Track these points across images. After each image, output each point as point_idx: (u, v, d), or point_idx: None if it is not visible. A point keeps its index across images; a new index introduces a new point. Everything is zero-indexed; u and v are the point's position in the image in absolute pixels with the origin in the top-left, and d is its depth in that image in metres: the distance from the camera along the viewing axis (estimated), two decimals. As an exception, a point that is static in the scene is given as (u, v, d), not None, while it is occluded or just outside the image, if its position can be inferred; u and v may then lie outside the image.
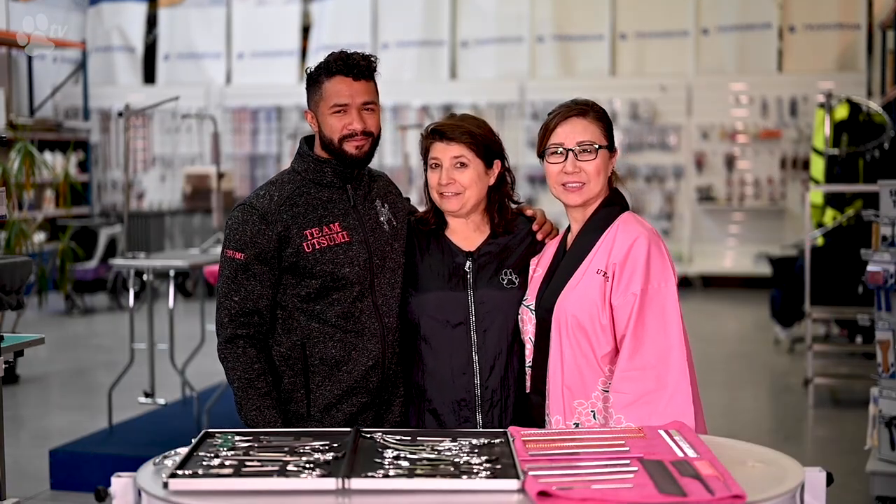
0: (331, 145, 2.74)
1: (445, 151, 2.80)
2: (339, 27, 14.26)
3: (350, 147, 2.73)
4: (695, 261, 13.13)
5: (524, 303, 2.76)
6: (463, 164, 2.79)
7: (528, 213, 2.93)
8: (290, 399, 2.75)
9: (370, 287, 2.75)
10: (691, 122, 13.22)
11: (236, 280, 2.69)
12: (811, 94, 12.64)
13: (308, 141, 2.85)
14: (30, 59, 13.21)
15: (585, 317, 2.59)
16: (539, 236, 2.88)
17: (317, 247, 2.70)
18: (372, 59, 2.77)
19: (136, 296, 6.37)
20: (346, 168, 2.77)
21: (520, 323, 2.76)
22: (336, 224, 2.73)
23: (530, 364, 2.73)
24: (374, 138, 2.77)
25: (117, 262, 6.53)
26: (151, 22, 15.18)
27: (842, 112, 8.56)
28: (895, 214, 4.66)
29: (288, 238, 2.69)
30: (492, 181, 2.86)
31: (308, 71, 2.81)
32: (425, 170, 2.88)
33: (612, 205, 2.71)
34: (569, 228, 2.78)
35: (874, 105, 8.83)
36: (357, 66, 2.73)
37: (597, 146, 2.66)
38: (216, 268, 6.61)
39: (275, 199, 2.72)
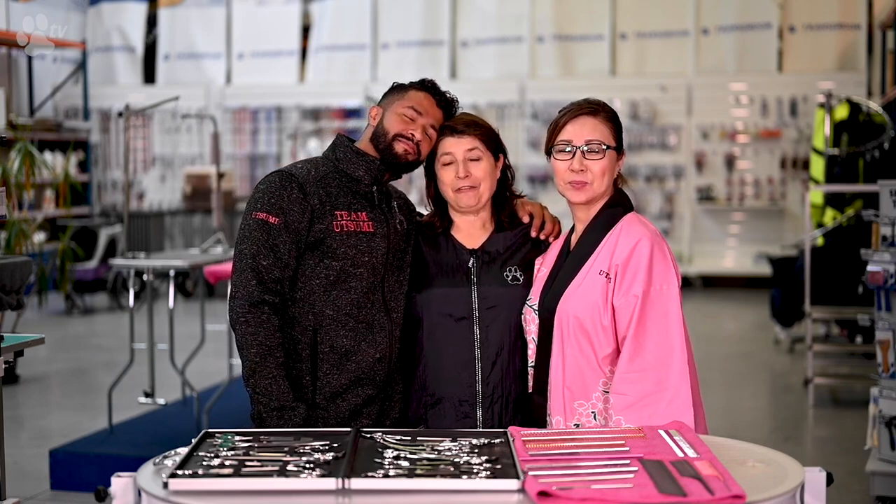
0: (384, 137, 2.80)
1: (458, 145, 2.82)
2: (339, 27, 14.27)
3: (399, 146, 2.79)
4: (695, 261, 13.13)
5: (528, 303, 2.76)
6: (476, 158, 2.82)
7: (525, 219, 2.92)
8: (297, 386, 2.74)
9: (381, 282, 2.78)
10: (691, 122, 13.22)
11: (268, 244, 2.68)
12: (811, 94, 12.64)
13: (346, 138, 2.91)
14: (30, 59, 13.21)
15: (587, 318, 2.59)
16: (541, 237, 2.89)
17: (345, 229, 2.74)
18: (457, 102, 2.91)
19: (136, 296, 6.36)
20: (384, 166, 2.81)
21: (523, 322, 2.76)
22: (364, 213, 2.78)
23: (533, 364, 2.74)
24: (418, 158, 2.83)
25: (117, 262, 6.52)
26: (151, 22, 15.18)
27: (842, 112, 8.56)
28: (895, 214, 4.66)
29: (321, 214, 2.72)
30: (498, 175, 2.88)
31: (396, 82, 2.91)
32: (427, 173, 2.90)
33: (617, 206, 2.71)
34: (573, 228, 2.78)
35: (874, 105, 8.83)
36: (445, 97, 2.88)
37: (605, 146, 2.66)
38: (216, 268, 6.66)
39: (312, 173, 2.77)
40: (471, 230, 2.89)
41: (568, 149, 2.67)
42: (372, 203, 2.81)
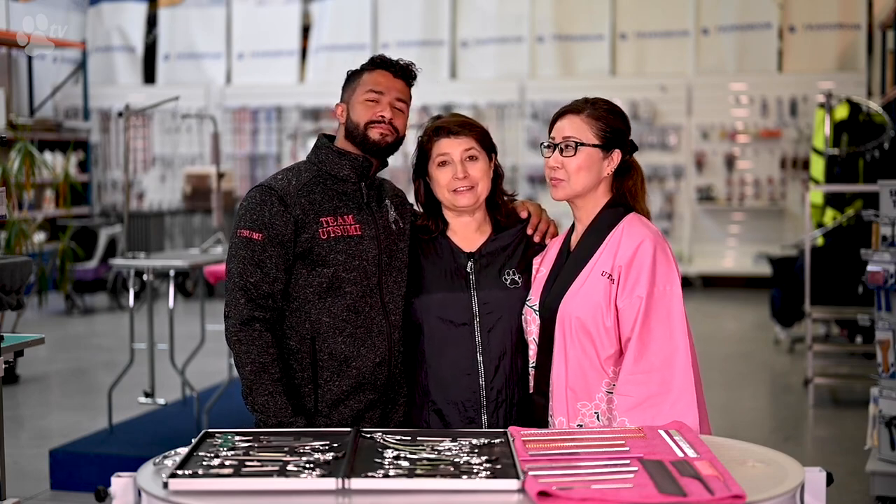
0: (356, 131, 2.77)
1: (455, 145, 2.80)
2: (339, 27, 14.27)
3: (374, 133, 2.76)
4: (695, 261, 13.13)
5: (528, 303, 2.75)
6: (473, 157, 2.80)
7: (523, 215, 2.92)
8: (298, 394, 2.74)
9: (378, 284, 2.76)
10: (691, 122, 13.22)
11: (253, 260, 2.67)
12: (811, 94, 12.64)
13: (327, 138, 2.88)
14: (30, 59, 13.22)
15: (589, 319, 2.58)
16: (536, 238, 2.87)
17: (331, 235, 2.71)
18: (413, 66, 2.88)
19: (136, 296, 6.36)
20: (367, 154, 2.78)
21: (523, 323, 2.76)
22: (350, 216, 2.75)
23: (534, 365, 2.73)
24: (397, 136, 2.80)
25: (117, 262, 6.52)
26: (151, 22, 15.18)
27: (842, 112, 8.56)
28: (895, 214, 4.66)
29: (305, 223, 2.70)
30: (491, 174, 2.86)
31: (349, 71, 2.89)
32: (416, 175, 2.88)
33: (617, 206, 2.71)
34: (572, 228, 2.77)
35: (874, 105, 8.83)
36: (398, 65, 2.86)
37: (577, 143, 2.64)
38: (216, 268, 6.65)
39: (293, 183, 2.74)
40: (466, 232, 2.86)
41: (550, 145, 2.68)
42: (360, 203, 2.78)
